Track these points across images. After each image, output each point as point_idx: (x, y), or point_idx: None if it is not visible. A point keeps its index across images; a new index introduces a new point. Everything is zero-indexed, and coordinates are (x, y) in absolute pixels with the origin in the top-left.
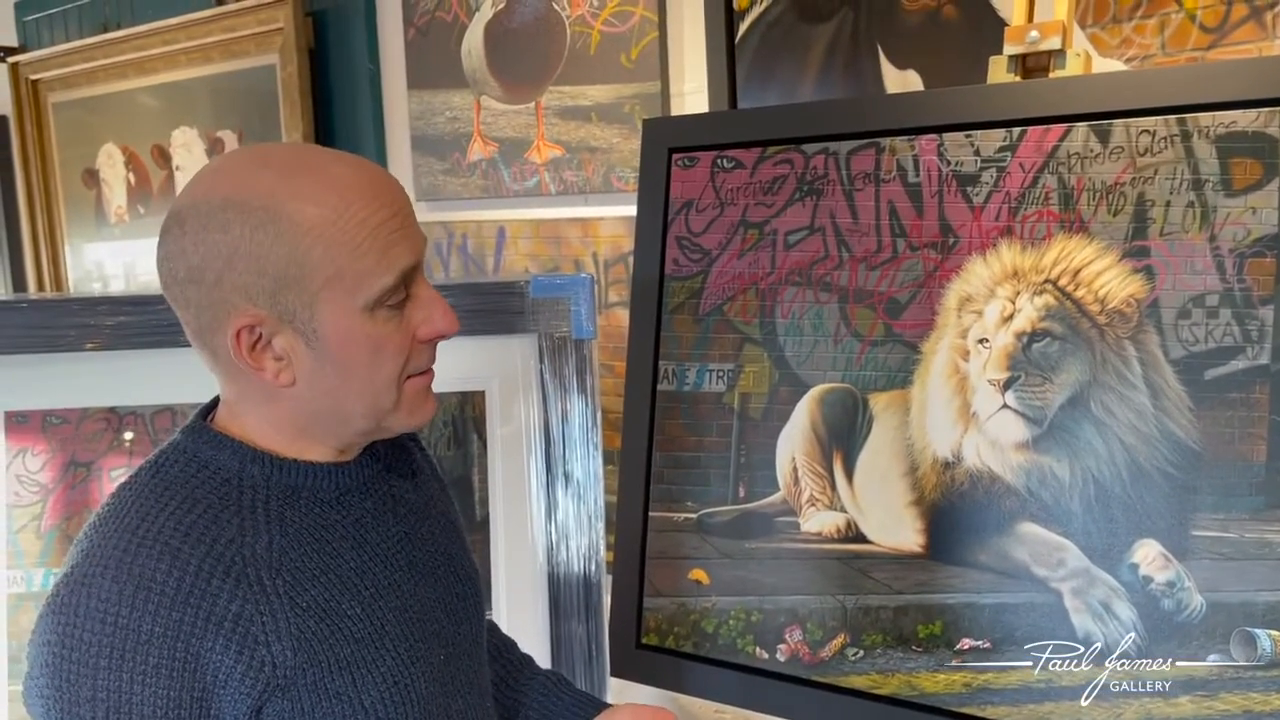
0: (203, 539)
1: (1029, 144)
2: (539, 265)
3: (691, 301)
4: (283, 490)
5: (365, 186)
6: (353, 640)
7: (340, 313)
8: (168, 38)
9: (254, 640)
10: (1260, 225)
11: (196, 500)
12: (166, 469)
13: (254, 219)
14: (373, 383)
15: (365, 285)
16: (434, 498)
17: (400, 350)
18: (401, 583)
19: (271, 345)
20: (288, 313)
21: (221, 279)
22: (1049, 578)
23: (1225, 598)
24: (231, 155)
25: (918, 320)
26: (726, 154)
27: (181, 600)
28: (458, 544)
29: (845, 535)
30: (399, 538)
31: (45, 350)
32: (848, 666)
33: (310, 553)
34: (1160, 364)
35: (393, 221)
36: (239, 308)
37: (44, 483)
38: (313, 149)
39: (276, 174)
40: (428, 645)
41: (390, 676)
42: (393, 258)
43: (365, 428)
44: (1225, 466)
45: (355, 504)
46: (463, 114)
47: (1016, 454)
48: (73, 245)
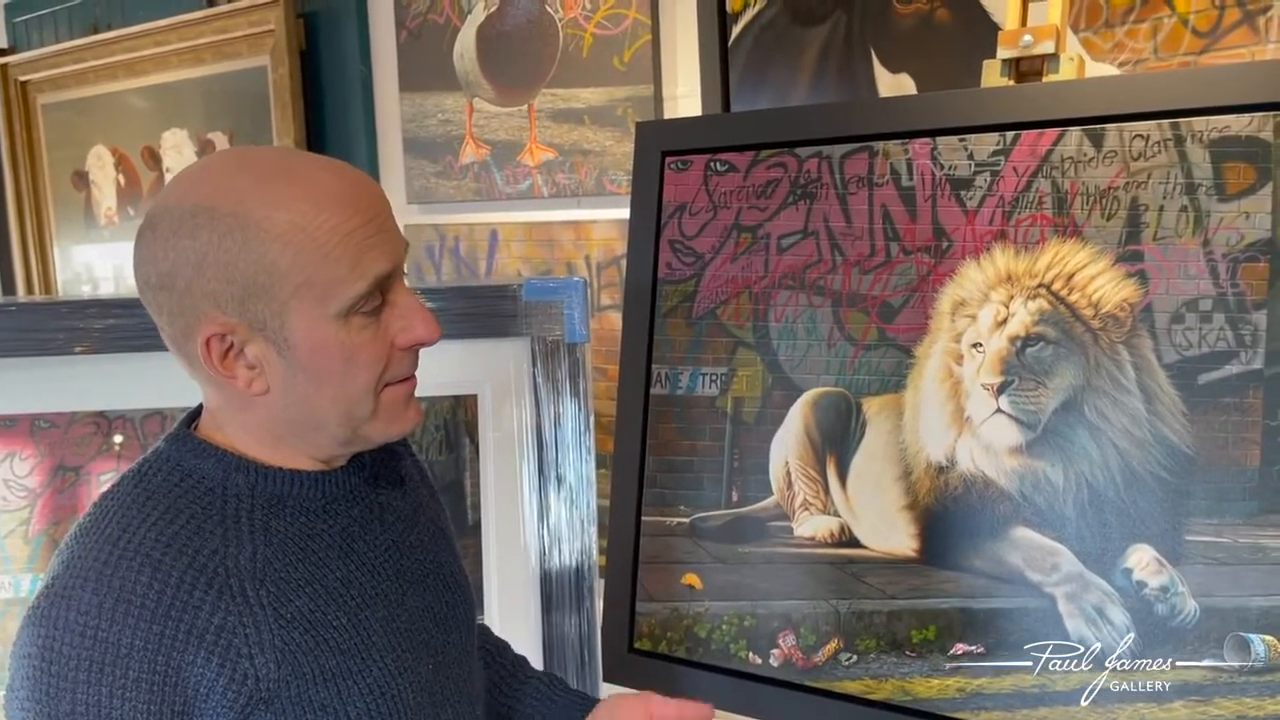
0: (185, 550)
1: (1023, 148)
2: (531, 268)
3: (684, 305)
4: (267, 499)
5: (340, 192)
6: (338, 652)
7: (311, 321)
8: (158, 39)
9: (236, 653)
10: (1254, 230)
11: (179, 510)
12: (150, 478)
13: (222, 225)
14: (346, 391)
15: (337, 293)
16: (423, 504)
17: (376, 358)
18: (389, 592)
19: (244, 353)
20: (258, 321)
21: (191, 286)
22: (1043, 582)
23: (1219, 602)
24: (210, 159)
25: (911, 324)
26: (719, 157)
27: (162, 613)
28: (447, 551)
29: (838, 540)
30: (386, 547)
31: (34, 354)
32: (841, 672)
33: (295, 563)
34: (1154, 368)
35: (367, 228)
36: (208, 315)
37: (32, 487)
38: (293, 154)
39: (251, 180)
40: (415, 656)
41: (376, 688)
42: (365, 265)
43: (342, 436)
44: (1219, 471)
45: (342, 513)
46: (455, 116)
47: (1010, 458)
48: (62, 247)
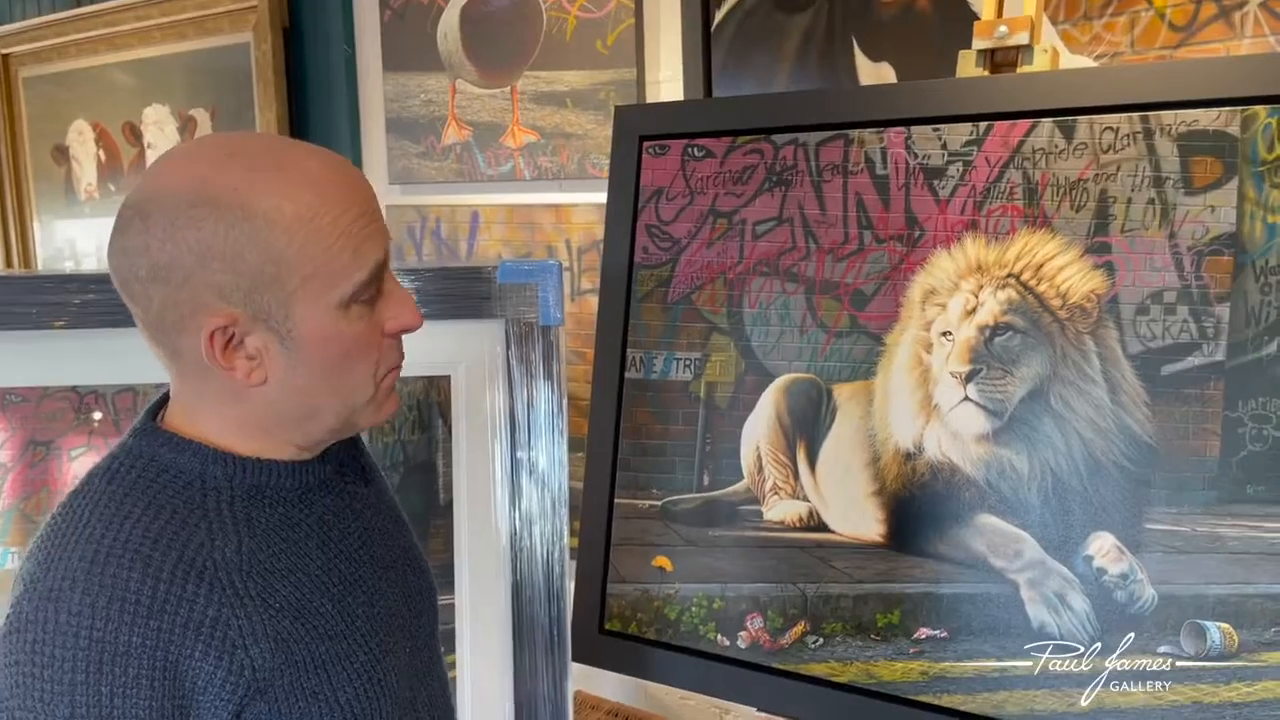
0: (173, 545)
1: (995, 138)
2: (512, 251)
3: (660, 290)
4: (246, 490)
5: (337, 182)
6: (327, 637)
7: (316, 311)
8: (141, 13)
9: (232, 644)
10: (1219, 223)
11: (161, 506)
12: (123, 474)
13: (228, 216)
14: (344, 382)
15: (341, 282)
16: (384, 491)
17: (372, 348)
18: (366, 578)
19: (244, 344)
20: (263, 312)
21: (191, 278)
22: (1006, 569)
23: (1177, 590)
24: (195, 145)
25: (882, 312)
26: (697, 143)
27: (158, 609)
28: (408, 536)
29: (807, 524)
30: (360, 534)
31: (11, 327)
32: (807, 654)
33: (279, 552)
34: (1119, 359)
35: (364, 218)
36: (212, 307)
37: (3, 461)
38: (279, 140)
39: (245, 168)
40: (395, 639)
41: (363, 672)
42: (365, 253)
43: (335, 425)
44: (1179, 461)
45: (318, 501)
46: (438, 97)
47: (977, 446)
48: (43, 222)
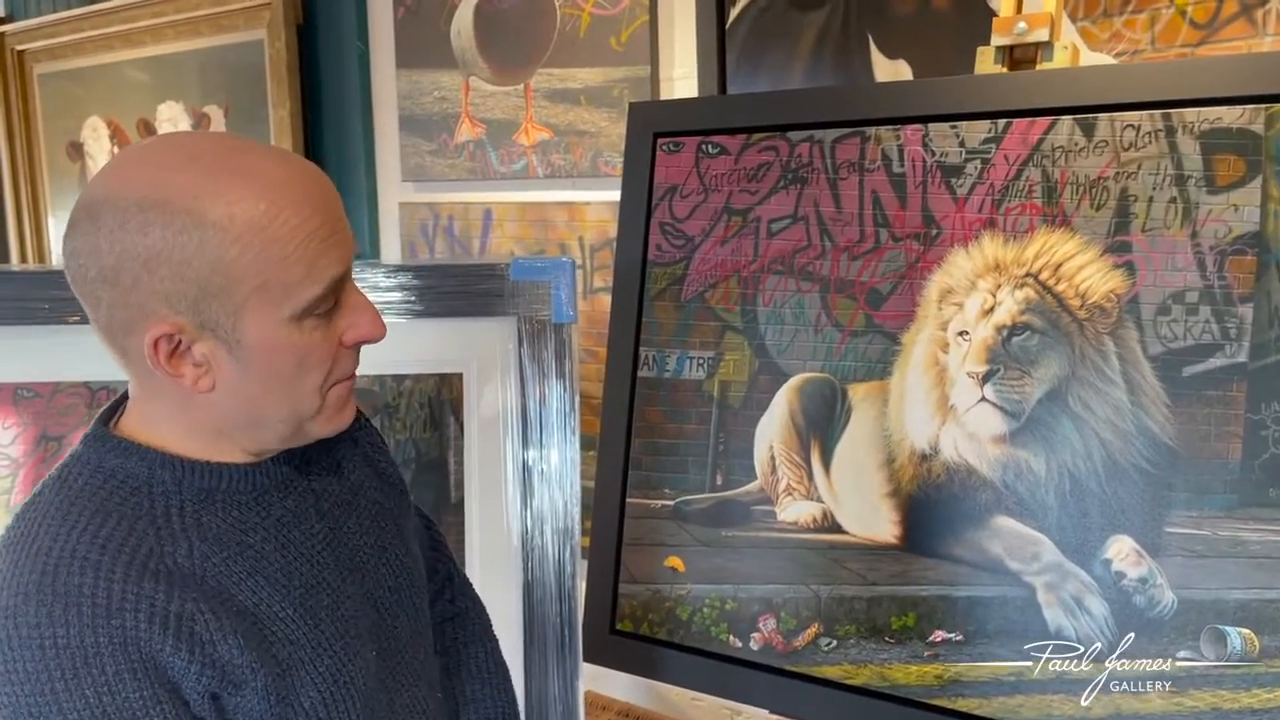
0: (122, 550)
1: (1014, 136)
2: (525, 249)
3: (673, 288)
4: (196, 494)
5: (295, 189)
6: (288, 642)
7: (265, 322)
8: (155, 10)
9: (201, 640)
10: (1242, 223)
11: (109, 513)
12: (70, 483)
13: (177, 222)
14: (295, 392)
15: (293, 296)
16: (362, 488)
17: (325, 359)
18: (330, 580)
19: (191, 351)
20: (210, 321)
21: (139, 283)
22: (1023, 571)
23: (1197, 595)
24: (151, 145)
25: (898, 311)
26: (711, 139)
27: (116, 608)
28: (392, 534)
29: (821, 525)
30: (324, 535)
31: (24, 322)
32: (820, 656)
33: (234, 556)
34: (1139, 360)
35: (323, 229)
36: (157, 314)
37: (15, 457)
38: (239, 142)
39: (201, 172)
40: (361, 642)
41: (329, 675)
42: (321, 268)
43: (284, 433)
44: (1200, 464)
45: (275, 503)
46: (451, 94)
47: (993, 447)
48: (56, 218)
